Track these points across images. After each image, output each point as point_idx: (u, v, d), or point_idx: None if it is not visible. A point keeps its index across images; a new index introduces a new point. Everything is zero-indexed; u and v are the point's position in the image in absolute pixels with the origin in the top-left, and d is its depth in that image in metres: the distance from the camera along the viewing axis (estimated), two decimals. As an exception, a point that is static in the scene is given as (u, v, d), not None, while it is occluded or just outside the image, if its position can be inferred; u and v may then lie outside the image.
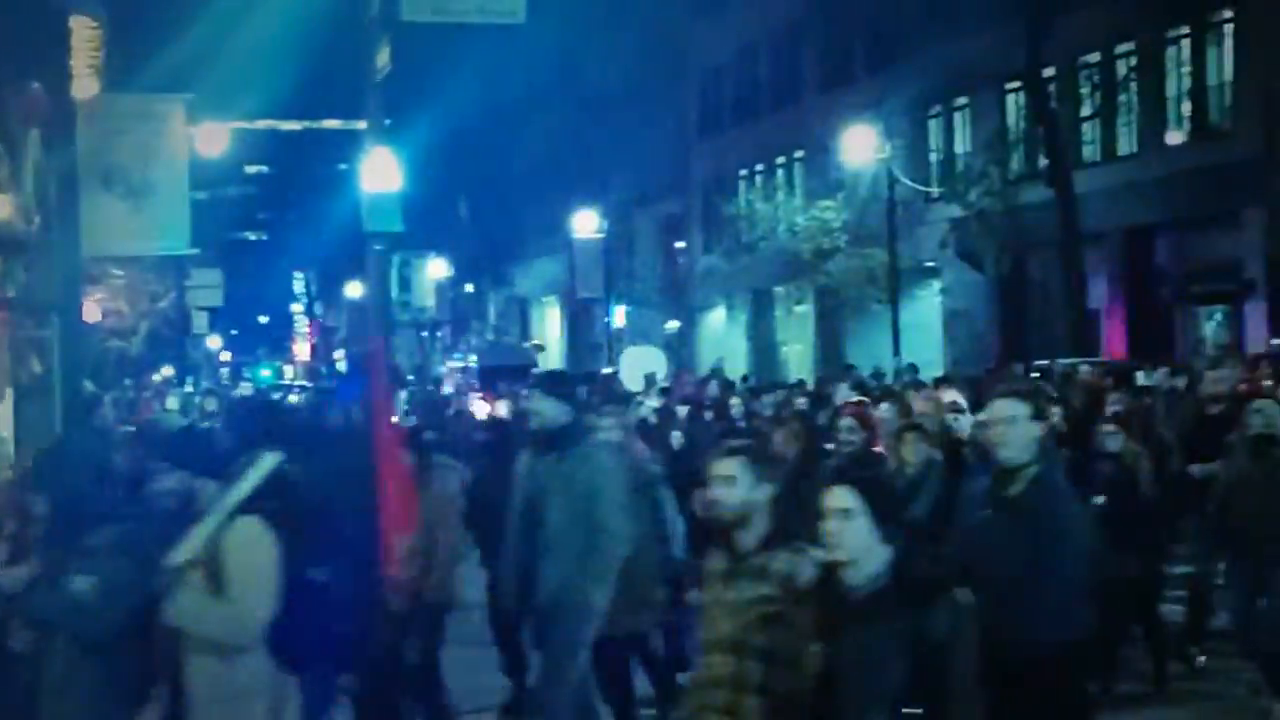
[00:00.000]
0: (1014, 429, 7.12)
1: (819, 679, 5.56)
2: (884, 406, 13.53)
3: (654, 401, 20.04)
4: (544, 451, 9.63)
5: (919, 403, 11.16)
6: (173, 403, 29.70)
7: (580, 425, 9.83)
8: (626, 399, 20.83)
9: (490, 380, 36.08)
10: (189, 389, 45.21)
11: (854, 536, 5.60)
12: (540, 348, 60.65)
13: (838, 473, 8.51)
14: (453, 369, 53.19)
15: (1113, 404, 15.20)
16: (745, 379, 34.44)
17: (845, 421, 12.34)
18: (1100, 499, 11.95)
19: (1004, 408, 7.23)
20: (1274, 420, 11.22)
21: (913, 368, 29.47)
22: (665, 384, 26.05)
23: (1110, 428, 12.55)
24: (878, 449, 11.66)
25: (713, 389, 24.12)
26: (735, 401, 19.80)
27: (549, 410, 9.60)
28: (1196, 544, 12.79)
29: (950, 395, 13.56)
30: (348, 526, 7.90)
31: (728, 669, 6.01)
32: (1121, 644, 12.06)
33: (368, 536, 7.93)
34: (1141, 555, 11.82)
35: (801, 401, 19.25)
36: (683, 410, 19.35)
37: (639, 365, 31.71)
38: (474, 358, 53.33)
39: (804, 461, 11.40)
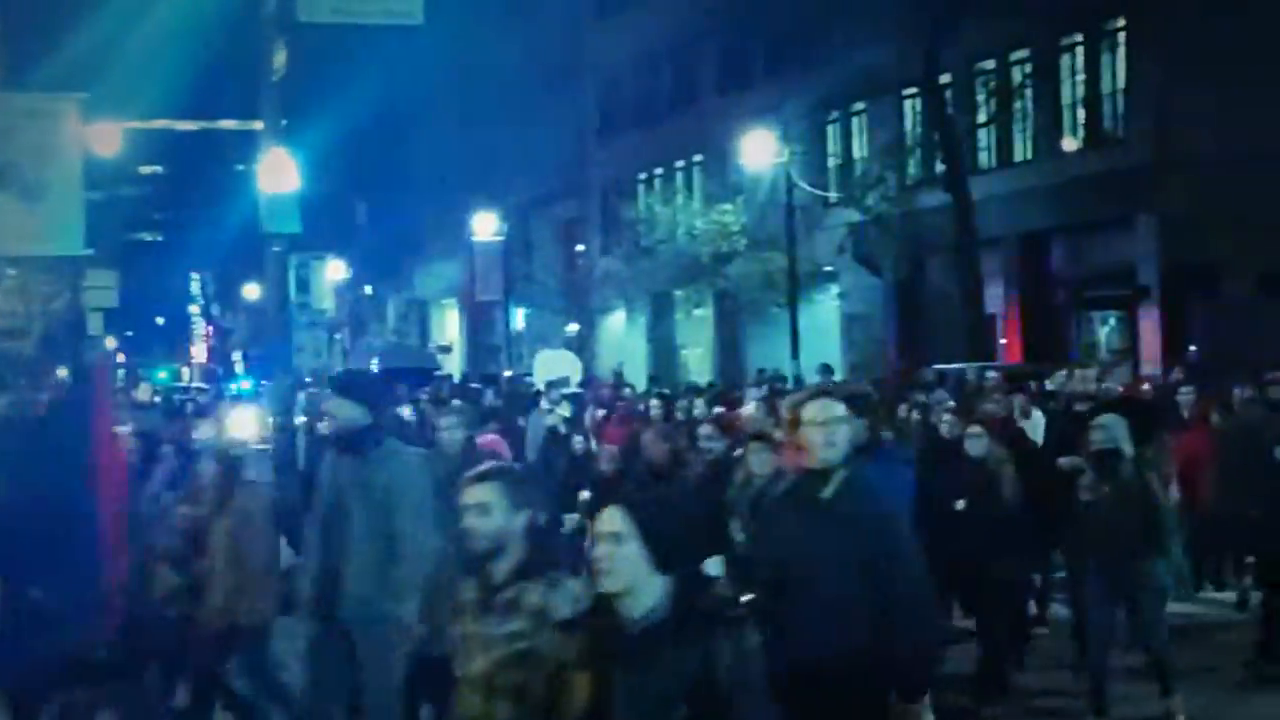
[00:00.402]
0: (843, 429, 6.87)
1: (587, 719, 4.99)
2: (749, 408, 13.44)
3: (564, 410, 19.80)
4: (343, 454, 9.23)
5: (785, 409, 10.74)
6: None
7: (379, 427, 9.30)
8: (530, 401, 20.69)
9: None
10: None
11: (625, 563, 4.96)
12: (447, 349, 60.36)
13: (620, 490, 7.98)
14: (355, 372, 52.65)
15: (983, 407, 15.24)
16: (654, 380, 34.28)
17: (704, 429, 12.30)
18: (961, 503, 11.98)
19: (832, 408, 6.93)
20: (1116, 435, 10.77)
21: (827, 368, 29.15)
22: (574, 390, 25.73)
23: (975, 429, 12.45)
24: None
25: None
26: (655, 404, 19.45)
27: (345, 411, 9.16)
28: (1067, 549, 12.76)
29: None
30: (61, 543, 7.62)
31: (477, 708, 5.71)
32: (1010, 661, 12.09)
33: (83, 553, 7.66)
34: (1009, 560, 11.83)
35: (700, 405, 18.99)
36: (599, 414, 19.19)
37: (553, 370, 31.44)
38: (375, 360, 52.91)
39: (670, 468, 11.40)
